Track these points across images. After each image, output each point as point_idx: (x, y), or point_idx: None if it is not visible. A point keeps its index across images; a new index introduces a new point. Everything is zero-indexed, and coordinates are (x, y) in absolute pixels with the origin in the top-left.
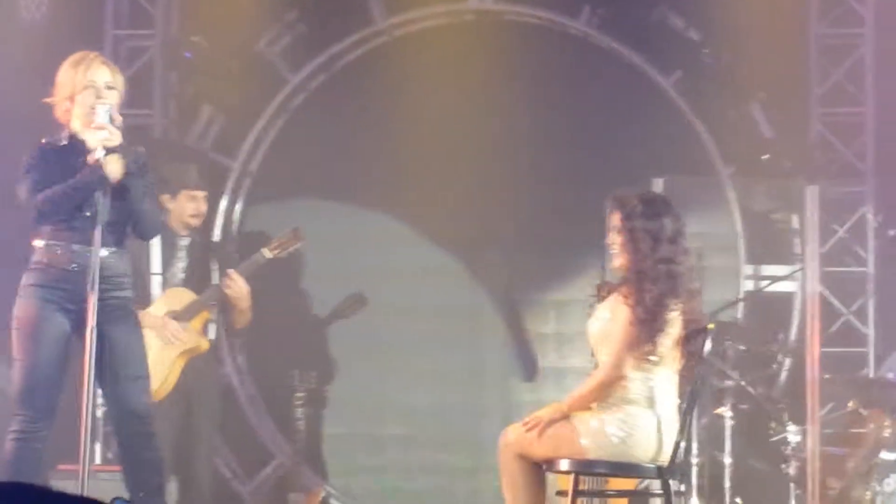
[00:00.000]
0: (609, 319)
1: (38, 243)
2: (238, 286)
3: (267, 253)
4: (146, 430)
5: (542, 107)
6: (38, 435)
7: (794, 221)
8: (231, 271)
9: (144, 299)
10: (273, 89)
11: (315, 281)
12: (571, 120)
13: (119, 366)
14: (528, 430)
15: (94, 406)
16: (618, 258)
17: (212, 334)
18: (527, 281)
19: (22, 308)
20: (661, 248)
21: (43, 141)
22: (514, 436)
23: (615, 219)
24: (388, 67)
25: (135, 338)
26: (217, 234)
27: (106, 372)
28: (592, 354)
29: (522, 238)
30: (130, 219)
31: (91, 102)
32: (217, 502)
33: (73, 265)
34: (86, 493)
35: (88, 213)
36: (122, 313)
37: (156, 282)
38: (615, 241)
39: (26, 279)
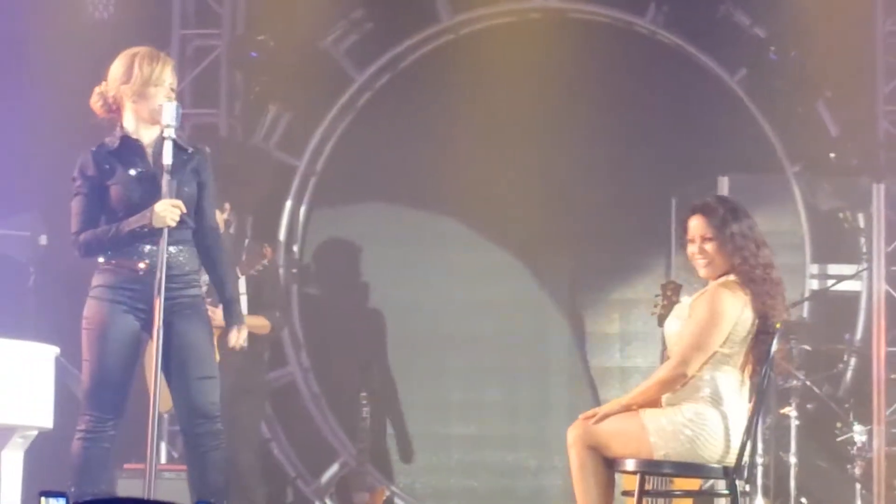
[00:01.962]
0: (687, 318)
1: None
2: (217, 317)
3: (238, 272)
4: (213, 429)
5: (607, 105)
6: (105, 435)
7: (861, 220)
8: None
9: None
10: (339, 88)
11: (379, 281)
12: (636, 117)
13: (188, 365)
14: (588, 419)
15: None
16: (709, 266)
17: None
18: (591, 280)
19: (91, 309)
20: (762, 252)
21: (93, 149)
22: (583, 429)
23: (701, 227)
24: (454, 66)
25: (204, 336)
26: (282, 236)
27: (175, 371)
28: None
29: (586, 237)
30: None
31: (161, 101)
32: (281, 501)
33: (143, 265)
34: (152, 493)
35: None
36: (191, 311)
37: None
38: (704, 249)
39: (96, 280)
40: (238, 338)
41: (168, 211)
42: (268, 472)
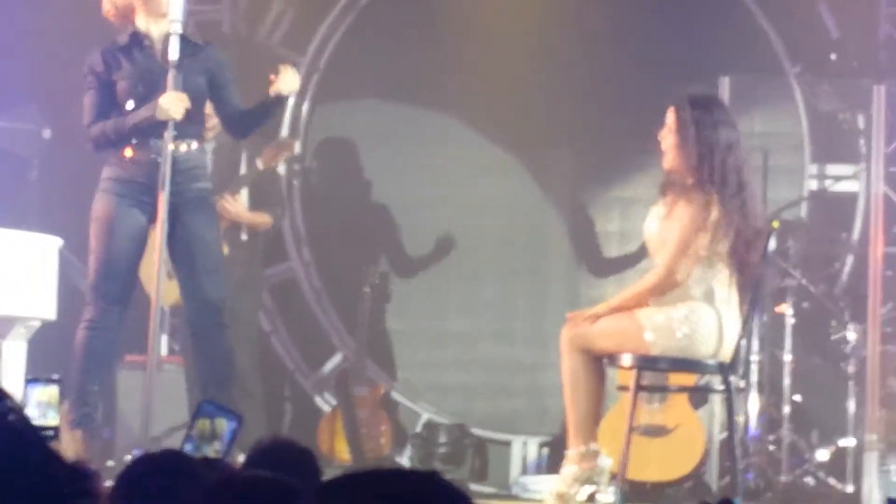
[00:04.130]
0: (664, 218)
1: None
2: (236, 206)
3: (260, 165)
4: (219, 321)
5: (609, 4)
6: (110, 325)
7: (860, 121)
8: (226, 194)
9: None
10: None
11: (380, 178)
12: (638, 18)
13: (195, 257)
14: (579, 319)
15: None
16: (665, 157)
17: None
18: (591, 178)
19: (99, 202)
20: (730, 157)
21: (103, 47)
22: (576, 330)
23: (669, 116)
24: None
25: (211, 230)
26: (285, 132)
27: (182, 263)
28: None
29: (587, 136)
30: (221, 116)
31: None
32: (279, 394)
33: (151, 158)
34: (152, 385)
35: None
36: (199, 205)
37: None
38: (664, 136)
39: (105, 172)
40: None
41: (173, 104)
42: (267, 366)
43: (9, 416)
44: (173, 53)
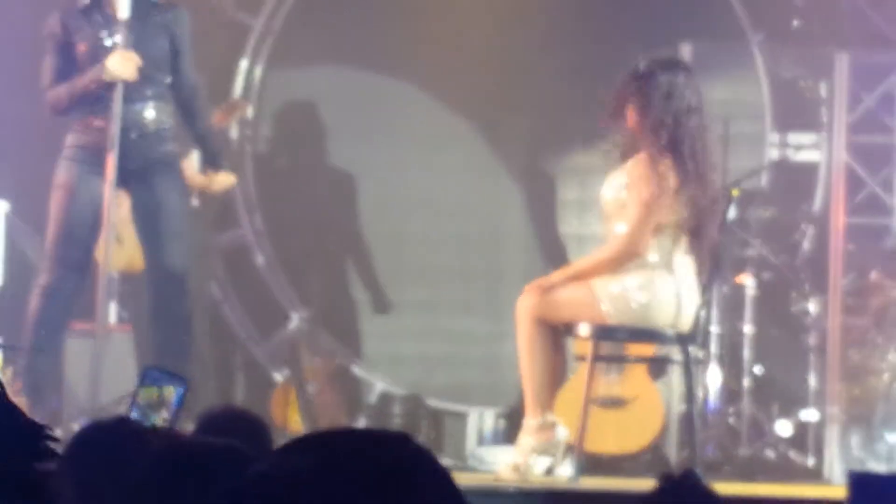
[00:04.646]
0: (624, 187)
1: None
2: (187, 170)
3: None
4: (182, 288)
5: None
6: (64, 291)
7: (823, 89)
8: (208, 171)
9: None
10: None
11: (334, 145)
12: None
13: (160, 222)
14: (537, 289)
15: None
16: (630, 124)
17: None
18: (549, 147)
19: (61, 168)
20: (677, 118)
21: (62, 11)
22: (533, 299)
23: (629, 80)
24: None
25: (177, 194)
26: (237, 95)
27: (146, 227)
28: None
29: (545, 104)
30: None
31: None
32: (232, 364)
33: (99, 122)
34: (100, 353)
35: None
36: (164, 168)
37: None
38: (626, 102)
39: (69, 140)
40: (225, 179)
41: (119, 64)
42: (218, 335)
43: None
44: (123, 12)
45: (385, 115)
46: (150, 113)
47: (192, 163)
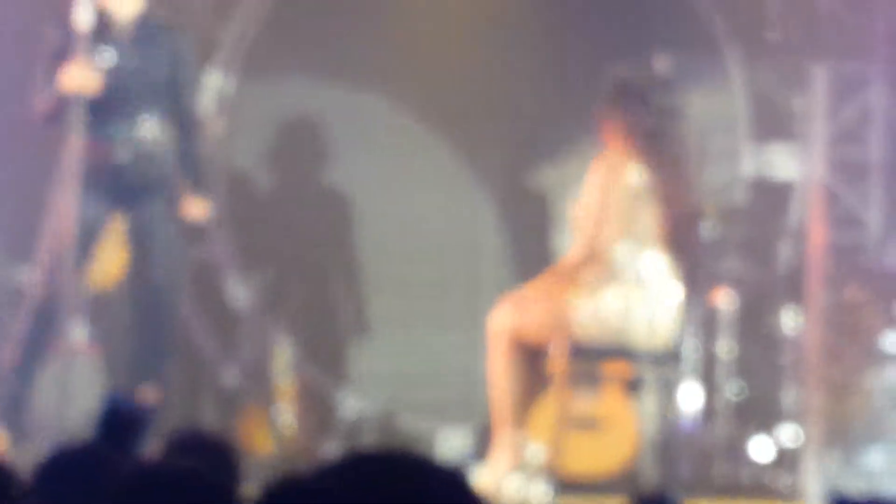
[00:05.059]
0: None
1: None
2: (199, 206)
3: None
4: (168, 310)
5: None
6: (51, 312)
7: (799, 103)
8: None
9: None
10: None
11: (306, 157)
12: None
13: (152, 242)
14: (510, 306)
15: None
16: (608, 134)
17: None
18: (524, 158)
19: (54, 189)
20: (654, 127)
21: (61, 28)
22: (506, 317)
23: (609, 92)
24: None
25: (171, 217)
26: (211, 108)
27: (138, 247)
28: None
29: (518, 116)
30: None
31: None
32: (199, 384)
33: (110, 146)
34: (68, 374)
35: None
36: (160, 188)
37: None
38: (605, 114)
39: (66, 160)
40: (202, 207)
41: (76, 78)
42: (185, 354)
43: None
44: (84, 24)
45: (360, 127)
46: (148, 133)
47: None
